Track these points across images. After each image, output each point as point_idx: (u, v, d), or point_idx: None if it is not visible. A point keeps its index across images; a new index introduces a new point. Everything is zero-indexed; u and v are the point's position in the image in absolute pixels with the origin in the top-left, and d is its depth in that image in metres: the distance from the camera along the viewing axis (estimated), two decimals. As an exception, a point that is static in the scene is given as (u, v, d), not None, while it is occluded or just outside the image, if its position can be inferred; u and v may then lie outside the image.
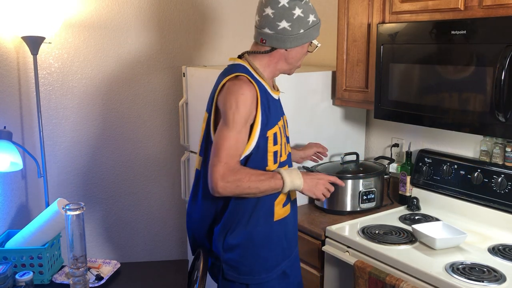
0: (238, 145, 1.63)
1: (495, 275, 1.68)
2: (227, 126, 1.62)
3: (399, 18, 2.14)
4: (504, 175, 2.05)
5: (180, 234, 3.25)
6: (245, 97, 1.61)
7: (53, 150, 2.77)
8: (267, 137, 1.70)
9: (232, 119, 1.61)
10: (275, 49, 1.72)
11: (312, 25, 1.71)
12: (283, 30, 1.68)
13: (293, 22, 1.67)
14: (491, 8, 1.79)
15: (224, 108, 1.64)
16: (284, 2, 1.66)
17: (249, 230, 1.76)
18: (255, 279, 1.79)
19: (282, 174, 1.68)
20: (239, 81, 1.64)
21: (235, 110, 1.60)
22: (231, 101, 1.61)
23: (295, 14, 1.66)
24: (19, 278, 1.81)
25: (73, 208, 1.66)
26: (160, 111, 3.05)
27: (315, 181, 1.75)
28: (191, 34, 3.07)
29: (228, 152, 1.61)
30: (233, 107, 1.61)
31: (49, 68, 2.70)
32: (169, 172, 3.14)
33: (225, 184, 1.60)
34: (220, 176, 1.59)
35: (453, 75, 1.88)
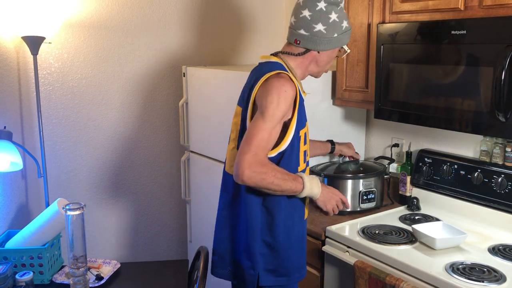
0: (270, 139, 1.65)
1: (495, 275, 1.68)
2: (263, 119, 1.63)
3: (399, 18, 2.14)
4: (504, 175, 2.05)
5: (180, 234, 3.25)
6: (287, 94, 1.65)
7: (53, 150, 2.77)
8: (299, 136, 1.75)
9: (271, 114, 1.63)
10: (309, 51, 1.77)
11: (345, 31, 1.77)
12: (318, 33, 1.73)
13: (329, 26, 1.73)
14: (491, 8, 1.79)
15: (264, 102, 1.65)
16: (322, 6, 1.72)
17: (287, 230, 1.79)
18: (291, 279, 1.81)
19: (304, 179, 1.71)
20: (282, 78, 1.67)
21: (276, 105, 1.63)
22: (273, 96, 1.64)
23: (331, 18, 1.72)
24: (19, 278, 1.81)
25: (73, 208, 1.66)
26: (160, 111, 3.05)
27: (330, 195, 1.81)
28: (191, 34, 3.07)
29: (259, 143, 1.62)
30: (275, 102, 1.63)
31: (49, 68, 2.70)
32: (169, 172, 3.14)
33: (251, 173, 1.60)
34: (248, 164, 1.60)
35: (453, 75, 1.88)
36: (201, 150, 2.88)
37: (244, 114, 1.77)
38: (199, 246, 2.11)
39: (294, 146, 1.73)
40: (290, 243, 1.80)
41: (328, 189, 1.82)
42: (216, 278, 2.70)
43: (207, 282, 1.97)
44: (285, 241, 1.79)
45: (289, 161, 1.73)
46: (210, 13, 3.11)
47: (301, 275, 1.88)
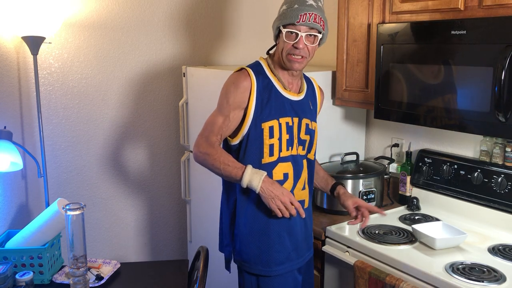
0: (221, 125, 1.79)
1: (495, 275, 1.68)
2: (216, 110, 1.83)
3: (399, 18, 2.14)
4: (504, 175, 2.05)
5: (180, 234, 3.25)
6: (235, 86, 1.78)
7: (53, 150, 2.77)
8: (262, 129, 1.79)
9: (221, 104, 1.81)
10: (276, 44, 1.87)
11: (281, 14, 1.80)
12: (273, 23, 1.84)
13: (278, 15, 1.82)
14: (491, 8, 1.79)
15: (220, 95, 1.84)
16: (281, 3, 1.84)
17: (248, 221, 1.87)
18: (253, 269, 1.89)
19: (246, 169, 1.75)
20: (238, 72, 1.82)
21: (224, 97, 1.81)
22: (224, 89, 1.83)
23: (280, 10, 1.82)
24: (19, 278, 1.81)
25: (73, 208, 1.66)
26: (160, 111, 3.05)
27: (273, 193, 1.74)
28: (191, 34, 3.07)
29: (210, 128, 1.80)
30: (223, 94, 1.82)
31: (49, 68, 2.70)
32: (169, 172, 3.14)
33: (197, 153, 1.79)
34: (197, 145, 1.79)
35: (453, 75, 1.88)
36: (201, 150, 2.88)
37: None
38: (199, 246, 2.11)
39: (252, 138, 1.80)
40: (252, 234, 1.86)
41: (274, 186, 1.74)
42: (216, 278, 2.71)
43: (207, 282, 1.98)
44: (247, 230, 1.87)
45: (249, 152, 1.81)
46: (211, 13, 3.11)
47: (268, 272, 1.85)
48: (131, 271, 2.09)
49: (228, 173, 1.76)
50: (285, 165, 1.84)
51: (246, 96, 1.78)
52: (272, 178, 1.80)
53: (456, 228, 1.98)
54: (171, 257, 3.24)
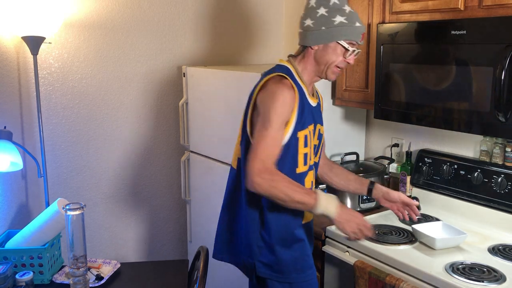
0: (275, 144, 1.66)
1: (495, 275, 1.68)
2: (265, 126, 1.65)
3: (399, 18, 2.14)
4: (504, 175, 2.05)
5: (180, 234, 3.25)
6: (284, 98, 1.66)
7: (53, 150, 2.77)
8: (297, 138, 1.74)
9: (271, 120, 1.65)
10: (305, 49, 1.79)
11: (338, 25, 1.72)
12: (307, 27, 1.75)
13: (316, 20, 1.74)
14: (491, 8, 1.79)
15: (263, 108, 1.68)
16: (312, 3, 1.76)
17: (280, 229, 1.79)
18: (287, 278, 1.81)
19: (318, 194, 1.66)
20: (280, 83, 1.69)
21: (274, 112, 1.65)
22: (271, 102, 1.66)
23: (319, 13, 1.73)
24: (19, 278, 1.81)
25: (73, 208, 1.66)
26: (160, 111, 3.05)
27: (349, 217, 1.70)
28: (191, 34, 3.07)
29: (265, 150, 1.63)
30: (272, 108, 1.65)
31: (49, 68, 2.70)
32: (169, 172, 3.14)
33: (260, 180, 1.61)
34: (257, 171, 1.61)
35: (453, 75, 1.88)
36: (201, 150, 2.88)
37: (245, 112, 1.80)
38: (199, 246, 2.11)
39: (290, 148, 1.73)
40: (285, 243, 1.80)
41: (348, 210, 1.72)
42: (216, 278, 2.71)
43: (207, 282, 1.98)
44: (278, 240, 1.79)
45: (284, 161, 1.73)
46: (211, 13, 3.11)
47: (303, 277, 1.84)
48: (131, 271, 2.09)
49: (299, 199, 1.63)
50: (311, 173, 1.85)
51: (291, 109, 1.70)
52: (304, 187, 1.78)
53: (456, 228, 1.98)
54: (171, 257, 3.24)
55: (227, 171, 2.57)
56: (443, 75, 1.92)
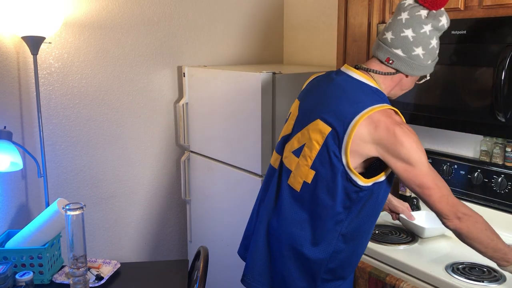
0: (439, 177, 1.58)
1: (495, 275, 1.68)
2: (415, 166, 1.53)
3: (399, 18, 2.14)
4: (504, 175, 2.05)
5: (180, 234, 3.25)
6: (419, 141, 1.56)
7: (53, 150, 2.77)
8: None
9: (418, 158, 1.54)
10: (399, 73, 1.64)
11: (435, 59, 1.67)
12: (416, 57, 1.60)
13: (427, 51, 1.60)
14: (491, 8, 1.79)
15: (400, 149, 1.52)
16: (427, 29, 1.58)
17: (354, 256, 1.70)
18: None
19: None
20: (404, 125, 1.54)
21: (417, 151, 1.54)
22: (410, 143, 1.52)
23: (431, 44, 1.60)
24: (19, 278, 1.82)
25: (73, 208, 1.66)
26: (160, 111, 3.05)
27: None
28: (191, 34, 3.07)
29: (438, 185, 1.55)
30: (415, 149, 1.53)
31: (49, 68, 2.70)
32: (169, 172, 3.14)
33: (462, 216, 1.54)
34: (449, 208, 1.54)
35: (453, 75, 1.88)
36: (201, 150, 2.88)
37: (336, 138, 1.56)
38: (199, 246, 2.11)
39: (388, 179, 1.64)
40: (352, 272, 1.74)
41: None
42: (216, 278, 2.71)
43: (207, 282, 1.98)
44: (349, 272, 1.71)
45: (385, 194, 1.67)
46: (210, 13, 3.11)
47: None
48: (131, 271, 2.09)
49: (497, 248, 1.56)
50: None
51: None
52: None
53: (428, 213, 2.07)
54: (171, 257, 3.24)
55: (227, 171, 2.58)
56: (443, 75, 1.92)
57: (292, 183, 1.67)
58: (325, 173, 1.58)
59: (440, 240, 2.01)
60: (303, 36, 3.22)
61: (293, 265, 1.67)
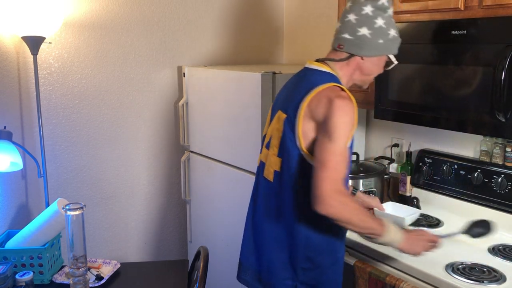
0: (345, 163, 1.57)
1: (495, 275, 1.68)
2: (332, 142, 1.54)
3: (399, 18, 2.14)
4: (504, 175, 2.05)
5: (180, 234, 3.25)
6: (352, 116, 1.58)
7: (53, 150, 2.77)
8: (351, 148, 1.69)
9: (340, 136, 1.55)
10: (352, 57, 1.69)
11: (392, 39, 1.69)
12: (363, 37, 1.66)
13: (374, 31, 1.65)
14: (491, 8, 1.79)
15: (328, 123, 1.56)
16: (368, 11, 1.65)
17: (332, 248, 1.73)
18: None
19: (387, 223, 1.62)
20: (347, 100, 1.58)
21: (343, 128, 1.55)
22: (339, 119, 1.55)
23: (377, 23, 1.65)
24: (19, 278, 1.81)
25: (73, 208, 1.66)
26: (160, 111, 3.05)
27: (415, 241, 1.67)
28: (191, 34, 3.07)
29: (336, 170, 1.53)
30: (342, 125, 1.55)
31: (49, 68, 2.70)
32: (169, 172, 3.14)
33: (334, 202, 1.51)
34: (330, 192, 1.50)
35: (453, 75, 1.88)
36: (201, 150, 2.88)
37: (289, 122, 1.66)
38: (199, 246, 2.11)
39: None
40: (336, 261, 1.75)
41: (411, 235, 1.67)
42: (216, 278, 2.71)
43: (207, 282, 1.98)
44: (329, 259, 1.73)
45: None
46: (210, 13, 3.11)
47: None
48: (131, 271, 2.09)
49: (369, 225, 1.58)
50: None
51: (354, 123, 1.62)
52: None
53: (402, 205, 2.20)
54: (171, 257, 3.24)
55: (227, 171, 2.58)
56: (443, 75, 1.92)
57: (266, 175, 1.77)
58: (286, 158, 1.67)
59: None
60: (303, 36, 3.22)
61: (276, 256, 1.73)
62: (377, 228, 1.58)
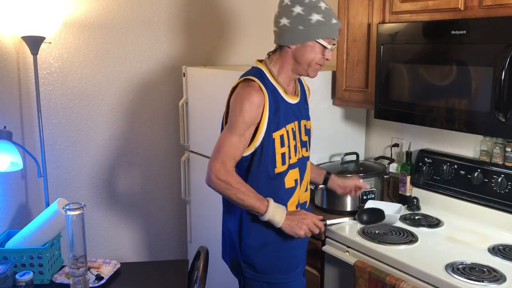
0: (238, 147, 1.70)
1: (495, 275, 1.68)
2: (229, 129, 1.70)
3: (399, 18, 2.14)
4: (504, 175, 2.05)
5: (180, 234, 3.25)
6: (250, 103, 1.68)
7: (53, 150, 2.77)
8: (273, 139, 1.75)
9: (235, 123, 1.69)
10: (283, 48, 1.77)
11: (314, 24, 1.71)
12: (283, 26, 1.74)
13: (292, 19, 1.72)
14: (491, 8, 1.79)
15: (231, 111, 1.72)
16: (287, 1, 1.73)
17: (264, 230, 1.81)
18: (270, 278, 1.85)
19: (269, 203, 1.72)
20: (249, 86, 1.71)
21: (239, 115, 1.68)
22: (237, 105, 1.70)
23: (294, 11, 1.71)
24: (19, 278, 1.81)
25: (73, 208, 1.66)
26: (160, 111, 3.05)
27: (296, 222, 1.75)
28: (191, 34, 3.07)
29: (227, 152, 1.69)
30: (238, 112, 1.69)
31: (49, 68, 2.70)
32: (169, 172, 3.14)
33: (217, 180, 1.70)
34: (215, 172, 1.69)
35: (453, 75, 1.88)
36: (201, 150, 2.88)
37: (224, 120, 1.82)
38: (199, 246, 2.11)
39: (265, 149, 1.75)
40: (266, 245, 1.83)
41: (294, 216, 1.76)
42: (216, 278, 2.71)
43: (207, 282, 1.98)
44: (259, 243, 1.82)
45: (261, 162, 1.76)
46: (210, 13, 3.11)
47: (286, 278, 1.86)
48: (131, 271, 2.09)
49: (251, 204, 1.70)
50: (294, 171, 1.83)
51: (260, 111, 1.71)
52: (285, 186, 1.80)
53: (384, 202, 2.27)
54: (171, 257, 3.24)
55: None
56: (443, 75, 1.92)
57: None
58: None
59: (440, 240, 2.01)
60: (303, 36, 3.21)
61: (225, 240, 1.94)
62: (258, 207, 1.71)
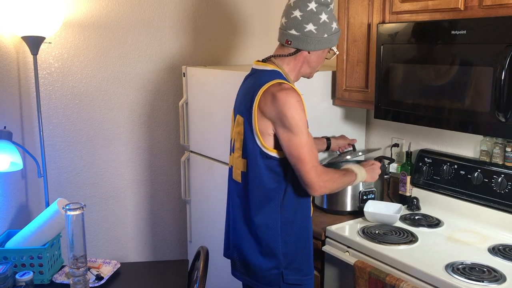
0: (311, 146, 1.73)
1: (495, 275, 1.68)
2: (296, 135, 1.69)
3: (399, 18, 2.14)
4: (504, 175, 2.05)
5: (180, 234, 3.25)
6: (300, 104, 1.71)
7: (53, 150, 2.77)
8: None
9: (297, 126, 1.69)
10: (299, 52, 1.80)
11: (334, 32, 1.80)
12: (309, 33, 1.76)
13: (319, 26, 1.76)
14: (491, 8, 1.79)
15: (284, 119, 1.68)
16: (312, 7, 1.75)
17: (303, 228, 1.85)
18: (310, 277, 1.89)
19: (353, 169, 1.89)
20: (289, 90, 1.70)
21: (299, 118, 1.69)
22: (292, 112, 1.68)
23: (321, 18, 1.75)
24: (19, 278, 1.81)
25: (73, 208, 1.66)
26: (160, 111, 3.05)
27: (371, 168, 1.98)
28: (191, 34, 3.07)
29: (309, 156, 1.71)
30: (297, 117, 1.68)
31: (49, 68, 2.70)
32: (169, 172, 3.14)
33: (324, 183, 1.74)
34: (317, 180, 1.72)
35: (453, 75, 1.88)
36: (201, 150, 2.88)
37: (248, 124, 1.77)
38: (199, 246, 2.11)
39: None
40: (307, 240, 1.86)
41: (367, 167, 1.97)
42: (216, 278, 2.71)
43: (207, 282, 1.98)
44: (302, 239, 1.84)
45: None
46: (210, 13, 3.11)
47: (310, 278, 1.90)
48: (131, 271, 2.09)
49: (348, 181, 1.87)
50: None
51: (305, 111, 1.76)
52: None
53: (384, 202, 2.30)
54: (171, 257, 3.24)
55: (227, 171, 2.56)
56: (443, 75, 1.92)
57: (235, 177, 1.88)
58: (250, 158, 1.78)
59: (440, 240, 2.01)
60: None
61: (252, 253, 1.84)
62: (352, 179, 1.88)
